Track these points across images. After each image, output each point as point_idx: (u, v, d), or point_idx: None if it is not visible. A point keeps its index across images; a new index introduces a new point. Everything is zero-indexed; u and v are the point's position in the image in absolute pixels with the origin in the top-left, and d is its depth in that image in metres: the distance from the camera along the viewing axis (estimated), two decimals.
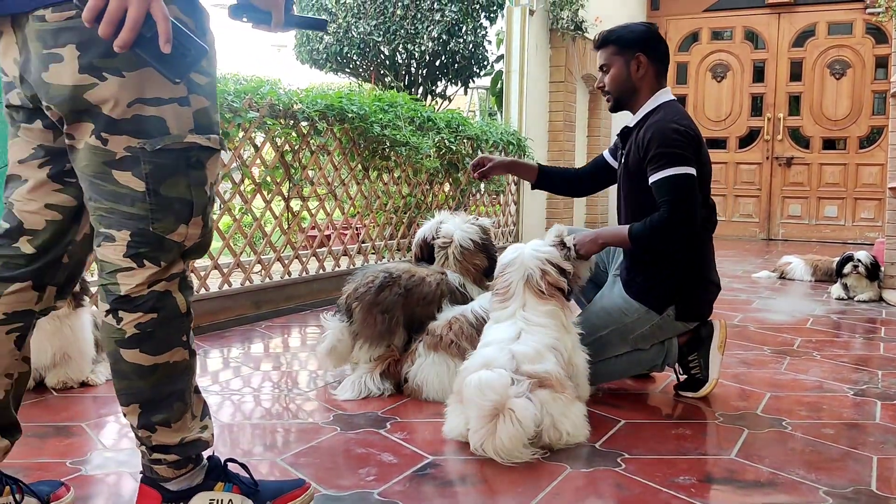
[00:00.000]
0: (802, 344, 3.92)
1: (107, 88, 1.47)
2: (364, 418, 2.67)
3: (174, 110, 1.53)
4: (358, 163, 5.29)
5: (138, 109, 1.50)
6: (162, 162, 1.53)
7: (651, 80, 2.90)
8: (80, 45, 1.46)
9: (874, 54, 9.59)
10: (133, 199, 1.54)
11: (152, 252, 1.57)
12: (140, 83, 1.49)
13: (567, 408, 2.36)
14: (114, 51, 1.38)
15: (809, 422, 2.68)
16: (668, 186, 2.69)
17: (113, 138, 1.50)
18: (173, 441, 1.69)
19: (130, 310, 1.59)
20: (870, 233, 9.47)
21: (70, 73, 1.47)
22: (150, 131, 1.51)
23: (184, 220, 1.59)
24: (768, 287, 5.99)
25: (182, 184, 1.57)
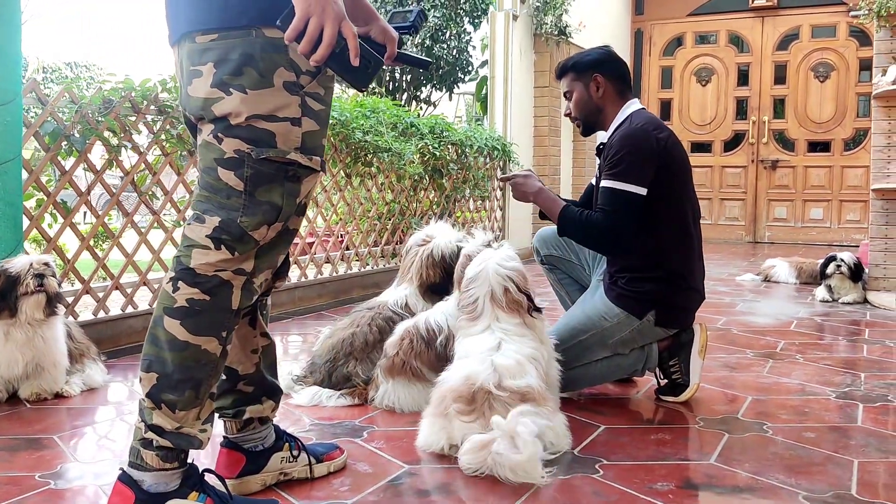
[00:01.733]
0: (786, 347, 3.91)
1: (230, 102, 1.65)
2: (341, 427, 2.63)
3: (285, 128, 1.68)
4: (340, 169, 5.26)
5: (254, 122, 1.67)
6: (263, 170, 1.69)
7: (613, 97, 2.92)
8: (217, 63, 1.66)
9: (858, 57, 9.62)
10: (229, 193, 1.70)
11: (231, 241, 1.70)
12: (260, 101, 1.66)
13: (550, 420, 2.32)
14: (241, 71, 1.63)
15: (791, 425, 2.65)
16: (610, 197, 2.73)
17: (227, 140, 1.68)
18: (171, 426, 1.73)
19: (190, 283, 1.71)
20: (856, 235, 9.48)
21: (204, 86, 1.67)
22: (260, 142, 1.68)
23: (269, 222, 1.73)
24: (752, 290, 5.98)
25: (277, 192, 1.72)
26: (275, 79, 1.66)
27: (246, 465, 2.04)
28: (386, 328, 3.05)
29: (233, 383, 2.01)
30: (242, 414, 2.02)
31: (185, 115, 1.81)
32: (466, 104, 10.76)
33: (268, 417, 2.08)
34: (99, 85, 3.63)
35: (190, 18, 1.70)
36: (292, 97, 1.68)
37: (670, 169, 2.76)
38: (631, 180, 2.70)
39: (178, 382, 1.72)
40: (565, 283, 3.26)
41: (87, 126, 3.53)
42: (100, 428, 2.68)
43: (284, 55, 1.65)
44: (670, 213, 2.79)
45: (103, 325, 3.72)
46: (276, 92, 1.66)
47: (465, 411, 2.30)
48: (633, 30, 10.69)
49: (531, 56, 8.21)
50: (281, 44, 1.63)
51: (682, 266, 2.84)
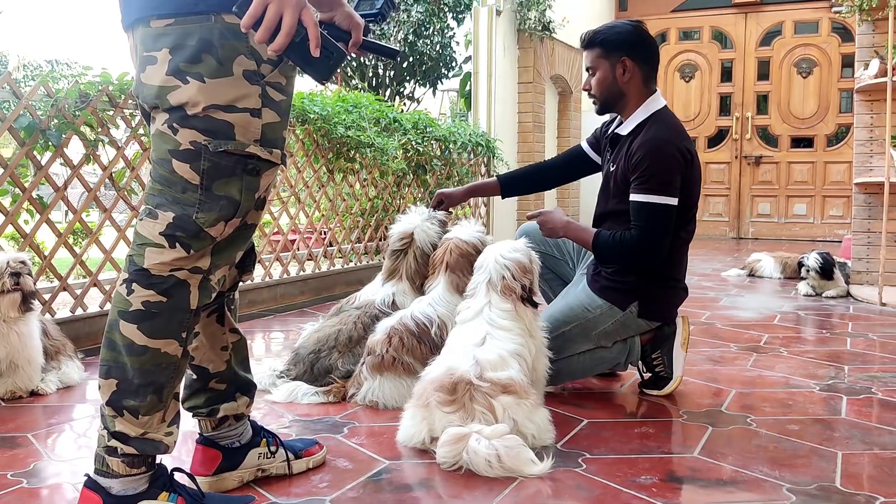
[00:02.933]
0: (769, 340, 3.90)
1: (187, 91, 1.58)
2: (322, 423, 2.60)
3: (245, 119, 1.62)
4: (322, 165, 5.21)
5: (212, 112, 1.59)
6: (221, 162, 1.62)
7: (638, 84, 2.83)
8: (173, 49, 1.58)
9: (840, 53, 9.66)
10: (185, 187, 1.63)
11: (186, 238, 1.64)
12: (219, 90, 1.59)
13: (531, 412, 2.30)
14: (199, 58, 1.56)
15: (774, 418, 2.64)
16: (645, 213, 2.67)
17: (183, 130, 1.61)
18: (135, 432, 1.68)
19: (145, 285, 1.64)
20: (839, 230, 9.52)
21: (160, 74, 1.59)
22: (217, 133, 1.60)
23: (226, 217, 1.66)
24: (737, 285, 5.98)
25: (235, 186, 1.65)
26: (234, 67, 1.59)
27: (222, 461, 2.00)
28: (371, 325, 3.02)
29: (204, 382, 1.97)
30: (217, 412, 1.98)
31: (139, 103, 1.72)
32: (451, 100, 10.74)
33: (243, 414, 2.04)
34: (76, 79, 3.58)
35: (144, 2, 1.61)
36: (252, 87, 1.62)
37: (690, 181, 2.74)
38: (664, 192, 2.66)
39: (139, 387, 1.66)
40: (549, 279, 3.23)
41: (64, 120, 3.47)
42: (76, 426, 2.64)
43: (245, 42, 1.59)
44: (679, 220, 2.77)
45: (81, 322, 3.67)
46: (236, 81, 1.60)
47: (447, 401, 2.27)
48: None
49: (515, 52, 8.19)
50: (241, 31, 1.54)
51: (670, 263, 2.83)
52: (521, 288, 2.51)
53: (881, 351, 3.68)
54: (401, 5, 8.07)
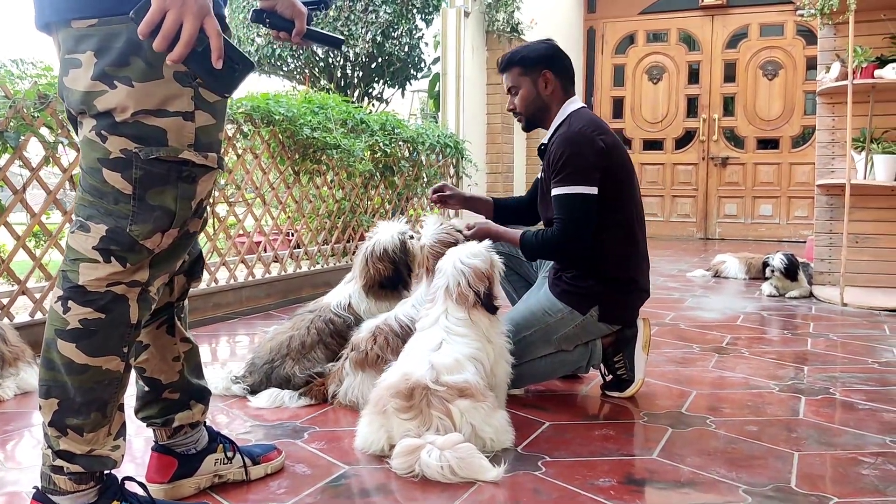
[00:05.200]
0: (732, 341, 3.93)
1: (115, 96, 1.50)
2: (282, 428, 2.58)
3: (177, 123, 1.55)
4: (288, 166, 5.19)
5: (142, 118, 1.52)
6: (153, 170, 1.55)
7: (560, 95, 2.90)
8: (98, 52, 1.50)
9: (805, 55, 9.75)
10: (117, 198, 1.56)
11: (122, 252, 1.58)
12: (148, 94, 1.51)
13: (489, 416, 2.30)
14: (127, 61, 1.48)
15: (733, 419, 2.66)
16: (564, 204, 2.72)
17: (112, 138, 1.53)
18: (81, 450, 1.64)
19: (81, 303, 1.58)
20: (804, 231, 9.62)
21: (85, 78, 1.51)
22: (149, 140, 1.53)
23: (162, 228, 1.59)
24: (702, 286, 6.03)
25: (169, 194, 1.58)
26: (164, 69, 1.51)
27: (178, 468, 1.98)
28: (325, 330, 3.02)
29: (157, 393, 1.93)
30: (171, 422, 1.95)
31: (66, 107, 1.63)
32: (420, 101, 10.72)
33: (198, 421, 2.01)
34: (34, 80, 3.53)
35: (62, 3, 1.53)
36: (184, 89, 1.54)
37: (613, 173, 2.75)
38: (580, 182, 2.68)
39: (81, 406, 1.61)
40: (512, 280, 3.24)
41: (22, 122, 3.43)
42: (35, 431, 2.60)
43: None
44: (615, 218, 2.78)
45: (40, 326, 3.61)
46: (167, 84, 1.52)
47: (404, 408, 2.26)
48: (586, 28, 10.73)
49: (483, 53, 8.20)
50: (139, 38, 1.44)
51: (627, 267, 2.84)
52: (477, 294, 2.50)
53: (841, 351, 3.73)
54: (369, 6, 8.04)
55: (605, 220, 2.75)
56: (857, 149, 5.15)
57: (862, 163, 5.13)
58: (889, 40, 5.17)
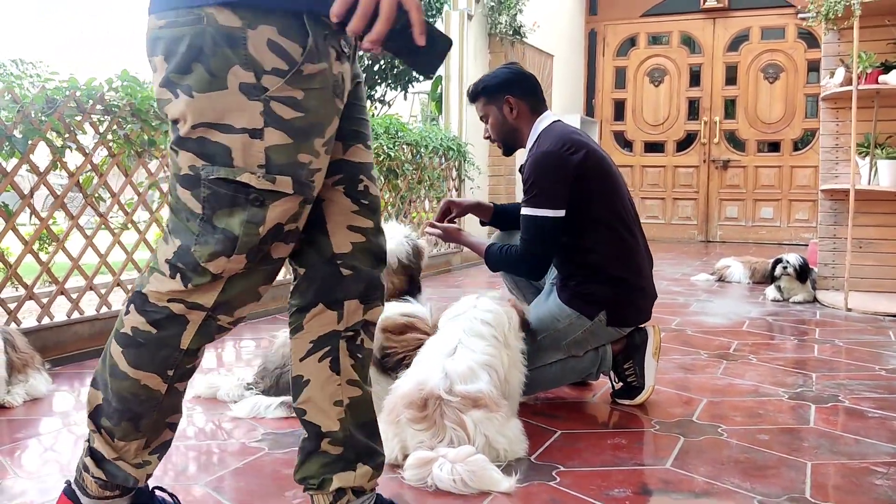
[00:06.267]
0: (739, 347, 3.94)
1: (177, 106, 1.40)
2: (293, 437, 2.57)
3: (243, 142, 1.39)
4: None
5: (204, 132, 1.40)
6: (220, 191, 1.42)
7: (527, 116, 2.94)
8: (165, 56, 1.39)
9: (806, 59, 9.77)
10: (188, 215, 1.46)
11: (186, 271, 1.47)
12: (208, 107, 1.38)
13: (502, 426, 2.30)
14: (189, 68, 1.36)
15: (745, 428, 2.66)
16: (528, 225, 2.79)
17: (182, 153, 1.43)
18: (109, 455, 1.59)
19: (139, 310, 1.51)
20: (804, 234, 9.64)
21: (156, 84, 1.44)
22: (214, 157, 1.40)
23: (224, 253, 1.45)
24: (706, 290, 6.03)
25: (237, 218, 1.43)
26: (228, 79, 1.36)
27: None
28: None
29: (316, 442, 1.67)
30: (329, 483, 1.67)
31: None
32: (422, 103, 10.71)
33: (363, 489, 1.71)
34: (42, 84, 3.52)
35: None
36: (251, 102, 1.37)
37: (590, 185, 2.78)
38: (543, 205, 2.74)
39: (114, 411, 1.56)
40: (521, 286, 3.24)
41: (30, 126, 3.42)
42: (44, 440, 2.59)
43: (241, 49, 1.35)
44: (603, 226, 2.81)
45: (48, 331, 3.61)
46: (230, 95, 1.37)
47: (417, 418, 2.26)
48: (587, 30, 10.74)
49: (486, 56, 8.20)
50: (237, 35, 1.34)
51: (628, 270, 2.85)
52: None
53: (847, 357, 3.73)
54: None
55: (594, 229, 2.80)
56: (862, 154, 5.16)
57: (866, 168, 5.13)
58: (893, 45, 5.18)
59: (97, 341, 3.82)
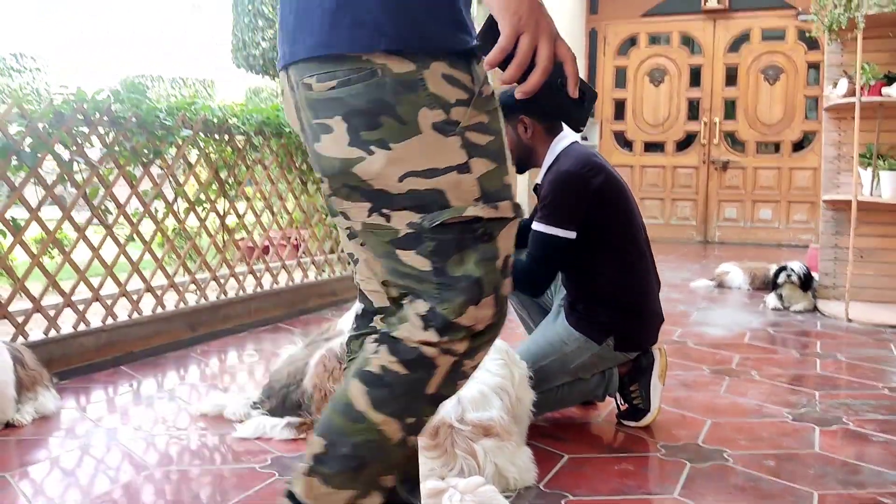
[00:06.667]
0: (741, 362, 3.96)
1: (375, 162, 1.34)
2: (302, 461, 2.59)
3: (453, 180, 1.35)
4: (296, 176, 5.20)
5: (412, 183, 1.35)
6: (444, 238, 1.37)
7: (542, 136, 2.91)
8: (346, 116, 1.34)
9: (806, 60, 9.78)
10: (419, 278, 1.40)
11: (439, 327, 1.39)
12: (409, 155, 1.34)
13: (513, 455, 2.32)
14: (377, 122, 1.31)
15: (750, 452, 2.69)
16: (537, 241, 2.78)
17: (394, 214, 1.37)
18: (306, 500, 1.47)
19: (391, 350, 1.42)
20: (803, 235, 9.67)
21: (339, 145, 1.37)
22: (429, 205, 1.35)
23: (473, 301, 1.38)
24: (706, 297, 6.06)
25: (470, 260, 1.38)
26: (420, 122, 1.32)
27: None
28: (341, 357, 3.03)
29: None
30: None
31: (321, 174, 1.47)
32: None
33: None
34: (50, 98, 3.53)
35: (300, 42, 1.38)
36: (448, 139, 1.34)
37: (606, 210, 2.79)
38: (556, 223, 2.74)
39: (339, 457, 1.45)
40: (527, 306, 3.25)
41: (38, 140, 3.43)
42: (64, 459, 2.60)
43: (423, 91, 1.31)
44: (615, 252, 2.82)
45: (54, 344, 3.62)
46: (427, 138, 1.33)
47: (429, 446, 2.28)
48: (588, 29, 10.73)
49: None
50: (415, 78, 1.31)
51: (638, 296, 2.87)
52: None
53: (849, 374, 3.76)
54: None
55: (607, 254, 2.81)
56: (864, 165, 5.17)
57: (868, 178, 5.15)
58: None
59: (102, 353, 3.84)
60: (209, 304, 4.54)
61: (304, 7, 1.38)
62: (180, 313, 4.33)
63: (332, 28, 1.33)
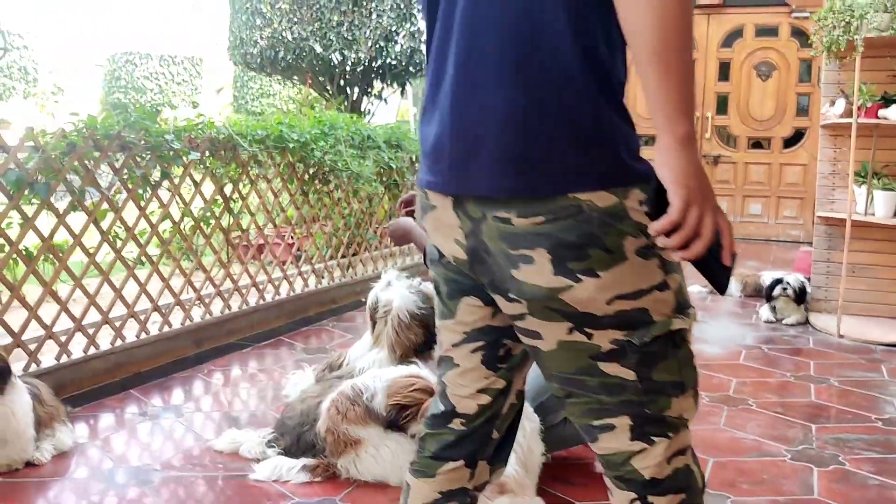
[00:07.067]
0: (738, 388, 4.05)
1: (583, 290, 1.39)
2: None
3: (655, 297, 1.42)
4: (298, 187, 5.24)
5: (619, 305, 1.41)
6: (649, 350, 1.44)
7: None
8: (552, 248, 1.38)
9: (798, 57, 9.84)
10: (623, 387, 1.46)
11: (657, 429, 1.47)
12: (616, 280, 1.40)
13: None
14: (585, 253, 1.37)
15: (754, 499, 2.78)
16: None
17: (598, 332, 1.43)
18: None
19: (660, 492, 1.48)
20: (792, 231, 9.79)
21: (544, 275, 1.40)
22: (635, 324, 1.42)
23: (677, 397, 1.48)
24: (700, 306, 6.15)
25: (672, 366, 1.46)
26: (626, 250, 1.39)
27: None
28: None
29: None
30: None
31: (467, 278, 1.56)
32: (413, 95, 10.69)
33: None
34: (62, 128, 3.54)
35: (490, 180, 1.41)
36: (649, 262, 1.40)
37: None
38: None
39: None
40: None
41: (51, 170, 3.45)
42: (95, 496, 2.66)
43: (627, 221, 1.37)
44: None
45: (66, 369, 3.67)
46: (632, 264, 1.40)
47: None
48: None
49: None
50: (619, 210, 1.36)
51: None
52: None
53: (843, 403, 3.86)
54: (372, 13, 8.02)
55: None
56: (859, 183, 5.25)
57: (863, 196, 5.24)
58: (893, 77, 5.26)
59: (113, 374, 3.90)
60: (214, 319, 4.60)
61: (493, 144, 1.39)
62: (186, 330, 4.39)
63: (533, 171, 1.37)
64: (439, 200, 1.51)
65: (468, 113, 1.41)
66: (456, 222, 1.50)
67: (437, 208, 1.53)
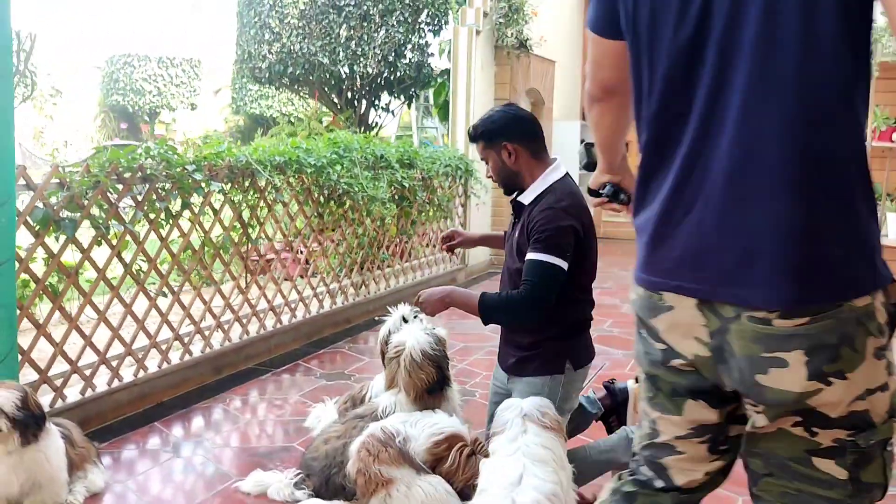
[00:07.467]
0: None
1: (832, 393, 1.42)
2: None
3: (877, 398, 1.46)
4: (314, 209, 5.24)
5: (853, 406, 1.45)
6: (868, 452, 1.48)
7: (528, 160, 2.93)
8: (809, 350, 1.40)
9: None
10: (831, 484, 1.50)
11: None
12: (857, 382, 1.43)
13: None
14: (838, 354, 1.39)
15: None
16: (536, 269, 2.80)
17: (823, 432, 1.47)
18: None
19: None
20: None
21: (797, 379, 1.42)
22: (860, 424, 1.46)
23: (875, 499, 1.54)
24: None
25: (878, 468, 1.50)
26: (867, 350, 1.42)
27: None
28: None
29: None
30: None
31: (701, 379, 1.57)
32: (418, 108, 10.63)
33: None
34: (86, 163, 3.54)
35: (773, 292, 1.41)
36: (878, 362, 1.44)
37: (581, 246, 2.86)
38: (556, 254, 2.79)
39: None
40: None
41: (75, 206, 3.45)
42: None
43: (874, 321, 1.41)
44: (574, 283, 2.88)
45: (91, 403, 3.67)
46: (869, 365, 1.43)
47: None
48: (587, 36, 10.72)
49: (492, 68, 8.22)
50: (870, 312, 1.40)
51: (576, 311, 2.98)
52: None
53: None
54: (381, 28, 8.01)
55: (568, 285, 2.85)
56: None
57: None
58: None
59: (136, 406, 3.91)
60: (232, 345, 4.61)
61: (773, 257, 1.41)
62: (206, 358, 4.39)
63: (812, 282, 1.39)
64: (678, 301, 1.52)
65: (743, 225, 1.42)
66: (699, 321, 1.50)
67: (674, 309, 1.54)
